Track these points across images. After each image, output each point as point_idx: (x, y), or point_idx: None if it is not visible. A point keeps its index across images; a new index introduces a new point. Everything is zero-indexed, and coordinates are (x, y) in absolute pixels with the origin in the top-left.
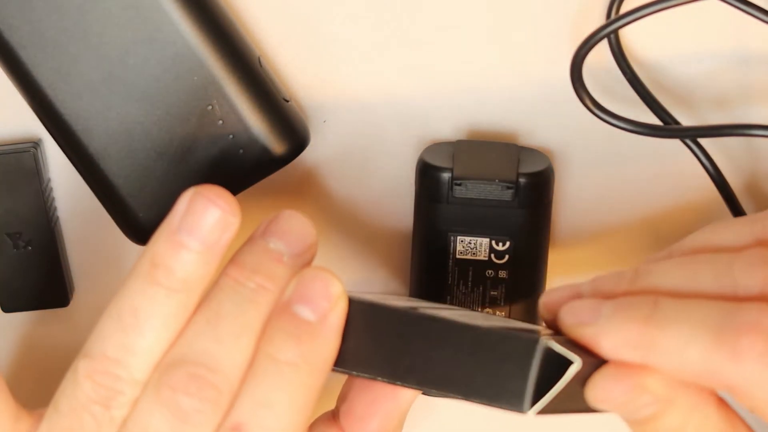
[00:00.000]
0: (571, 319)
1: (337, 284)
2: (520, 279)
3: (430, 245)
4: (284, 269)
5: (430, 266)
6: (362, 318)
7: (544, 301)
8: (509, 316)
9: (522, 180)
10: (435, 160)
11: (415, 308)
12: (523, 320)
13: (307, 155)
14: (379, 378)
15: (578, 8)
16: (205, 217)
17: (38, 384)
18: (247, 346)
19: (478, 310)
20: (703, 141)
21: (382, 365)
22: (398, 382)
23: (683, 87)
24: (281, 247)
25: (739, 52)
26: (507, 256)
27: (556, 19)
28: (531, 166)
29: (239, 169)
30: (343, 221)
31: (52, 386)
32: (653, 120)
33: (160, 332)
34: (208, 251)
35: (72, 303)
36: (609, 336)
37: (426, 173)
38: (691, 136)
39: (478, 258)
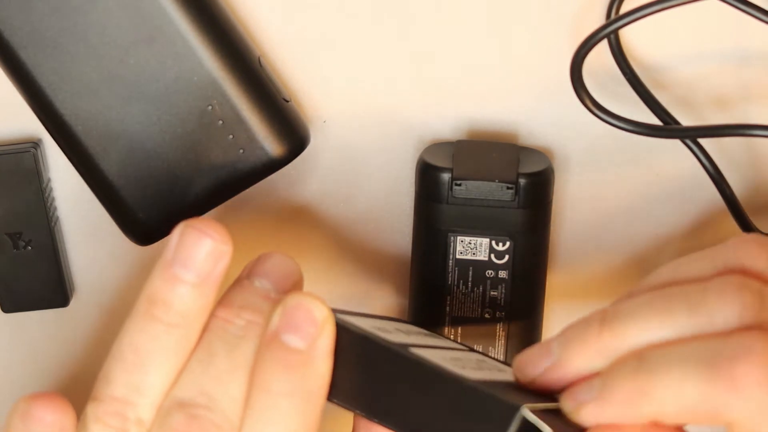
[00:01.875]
0: (570, 404)
1: (321, 308)
2: (521, 279)
3: (430, 245)
4: (271, 305)
5: (430, 266)
6: (350, 348)
7: (517, 364)
8: (509, 317)
9: (522, 180)
10: (435, 160)
11: (405, 345)
12: (524, 322)
13: (307, 155)
14: (358, 411)
15: (578, 8)
16: (198, 248)
17: (38, 384)
18: (243, 382)
19: (476, 348)
20: (703, 141)
21: (362, 399)
22: (375, 419)
23: (683, 87)
24: (267, 285)
25: (739, 52)
26: (507, 257)
27: (556, 19)
28: (531, 166)
29: (239, 169)
30: (343, 221)
31: (52, 387)
32: (653, 120)
33: (163, 369)
34: (204, 282)
35: (72, 303)
36: (608, 408)
37: (426, 173)
38: (691, 136)
39: (478, 258)
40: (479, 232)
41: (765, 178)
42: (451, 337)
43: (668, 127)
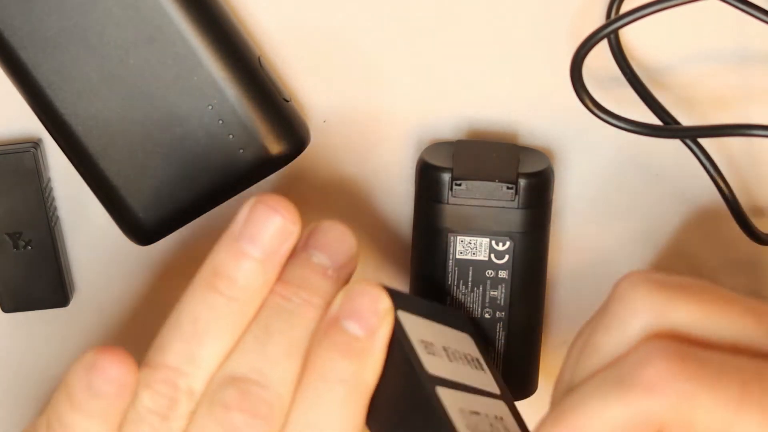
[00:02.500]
0: None
1: (385, 299)
2: (521, 279)
3: (429, 245)
4: (329, 283)
5: (430, 266)
6: (390, 354)
7: None
8: (509, 317)
9: (522, 180)
10: (435, 160)
11: (436, 379)
12: (524, 322)
13: (307, 155)
14: (367, 424)
15: (578, 8)
16: (267, 225)
17: (38, 384)
18: (297, 362)
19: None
20: (703, 141)
21: (376, 413)
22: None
23: (683, 87)
24: (324, 260)
25: (739, 52)
26: (507, 257)
27: (556, 19)
28: (531, 166)
29: (239, 169)
30: (343, 221)
31: (52, 387)
32: (653, 120)
33: (219, 341)
34: (269, 260)
35: (72, 303)
36: None
37: (426, 173)
38: (691, 136)
39: (478, 258)
40: (479, 232)
41: (765, 178)
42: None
43: (668, 127)
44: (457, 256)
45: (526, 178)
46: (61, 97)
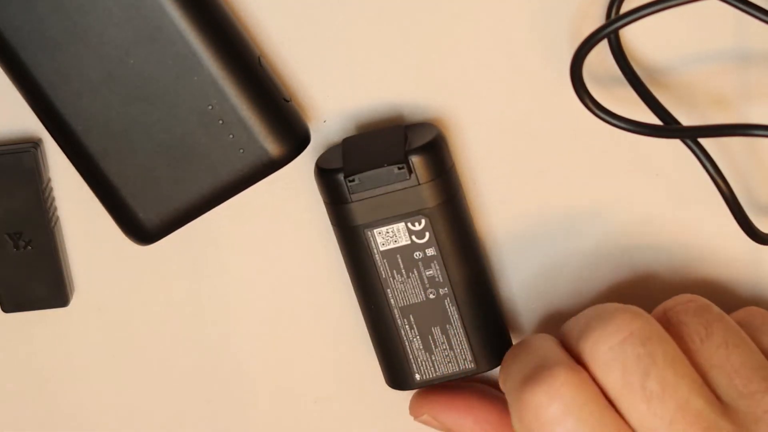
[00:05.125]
0: None
1: None
2: (450, 250)
3: (352, 247)
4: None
5: (361, 266)
6: None
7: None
8: (454, 290)
9: (413, 157)
10: (326, 164)
11: None
12: (471, 291)
13: (307, 155)
14: None
15: (578, 8)
16: None
17: (38, 384)
18: None
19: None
20: (703, 141)
21: None
22: None
23: (683, 87)
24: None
25: (739, 52)
26: (428, 234)
27: (556, 19)
28: (419, 140)
29: (239, 170)
30: None
31: (52, 386)
32: (653, 120)
33: None
34: None
35: (72, 303)
36: None
37: (322, 178)
38: (691, 136)
39: (401, 244)
40: (391, 219)
41: (765, 178)
42: (406, 326)
43: (668, 127)
44: (381, 248)
45: (416, 153)
46: (61, 97)
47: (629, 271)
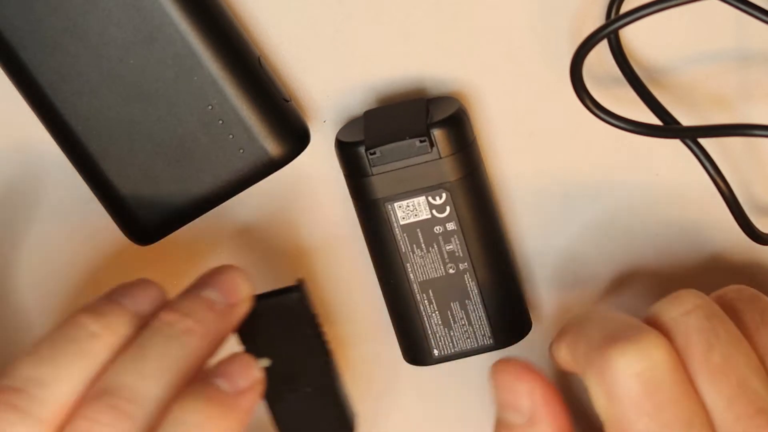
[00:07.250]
0: None
1: (257, 369)
2: (470, 225)
3: (372, 221)
4: (215, 316)
5: (380, 240)
6: None
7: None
8: (474, 265)
9: (435, 130)
10: (347, 137)
11: None
12: (491, 266)
13: (307, 155)
14: None
15: (578, 8)
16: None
17: None
18: (168, 385)
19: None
20: (703, 141)
21: None
22: None
23: (683, 87)
24: (214, 295)
25: (739, 52)
26: (448, 208)
27: (556, 19)
28: (441, 114)
29: (239, 170)
30: (343, 221)
31: None
32: (653, 120)
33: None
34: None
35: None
36: None
37: (343, 152)
38: (691, 136)
39: (421, 218)
40: (412, 193)
41: (765, 178)
42: (425, 301)
43: (668, 127)
44: (401, 222)
45: (438, 127)
46: (61, 97)
47: (629, 269)
